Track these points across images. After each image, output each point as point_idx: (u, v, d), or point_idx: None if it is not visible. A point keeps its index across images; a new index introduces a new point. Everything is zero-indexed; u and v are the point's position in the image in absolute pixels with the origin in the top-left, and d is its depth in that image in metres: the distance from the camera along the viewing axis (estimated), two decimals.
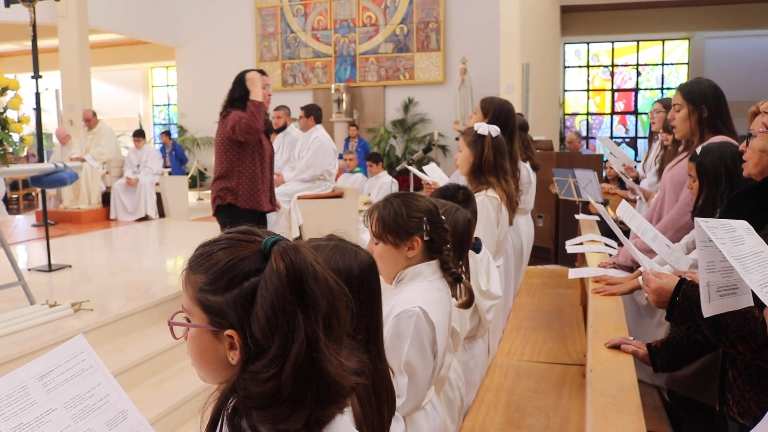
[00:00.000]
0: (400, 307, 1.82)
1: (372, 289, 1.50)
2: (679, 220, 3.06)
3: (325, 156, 6.77)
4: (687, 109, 3.06)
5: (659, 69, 15.09)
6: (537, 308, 4.09)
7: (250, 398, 0.93)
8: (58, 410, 1.04)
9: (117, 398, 1.12)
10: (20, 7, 6.13)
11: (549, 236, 7.59)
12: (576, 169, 5.53)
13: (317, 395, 0.95)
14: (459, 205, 2.35)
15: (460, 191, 2.62)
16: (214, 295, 0.97)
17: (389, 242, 1.91)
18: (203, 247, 1.02)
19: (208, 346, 1.00)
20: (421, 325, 1.79)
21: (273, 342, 0.93)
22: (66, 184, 4.85)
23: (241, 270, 0.96)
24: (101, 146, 9.76)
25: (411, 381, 1.80)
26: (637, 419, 1.50)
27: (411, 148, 13.36)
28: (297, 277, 0.95)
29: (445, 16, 13.23)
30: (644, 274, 2.06)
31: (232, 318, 0.95)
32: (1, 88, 4.18)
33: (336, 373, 0.96)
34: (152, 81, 18.72)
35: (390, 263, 1.93)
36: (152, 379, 4.00)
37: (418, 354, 1.79)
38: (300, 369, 0.93)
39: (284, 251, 0.97)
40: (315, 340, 0.94)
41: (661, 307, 1.99)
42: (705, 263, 1.35)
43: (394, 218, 1.90)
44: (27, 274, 5.30)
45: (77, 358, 1.12)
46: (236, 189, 4.47)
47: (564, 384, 2.84)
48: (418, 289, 1.88)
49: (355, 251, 1.51)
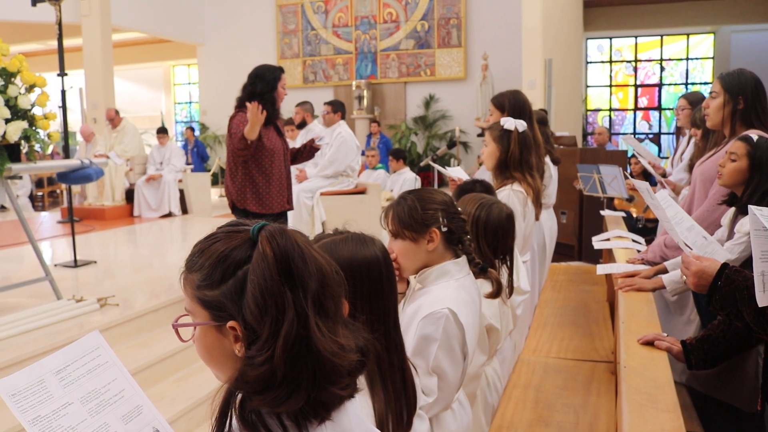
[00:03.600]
0: (427, 307, 1.78)
1: (382, 277, 1.48)
2: (709, 215, 3.01)
3: (348, 152, 6.77)
4: (723, 98, 2.99)
5: (683, 64, 14.89)
6: (563, 305, 4.05)
7: (248, 383, 0.94)
8: (74, 404, 1.05)
9: (132, 393, 1.13)
10: (45, 7, 6.20)
11: (573, 233, 7.52)
12: (601, 165, 5.47)
13: (313, 376, 0.95)
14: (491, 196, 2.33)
15: (477, 184, 2.59)
16: (211, 290, 0.98)
17: (408, 238, 1.88)
18: (197, 246, 1.04)
19: (214, 343, 1.00)
20: (450, 328, 1.75)
21: (264, 324, 0.93)
22: (92, 179, 4.88)
23: (233, 260, 0.97)
24: (125, 144, 9.85)
25: (441, 382, 1.77)
26: (674, 416, 1.47)
27: (432, 145, 13.32)
28: (283, 258, 0.96)
29: (466, 11, 13.16)
30: (684, 257, 2.01)
31: (231, 309, 0.96)
32: (29, 85, 4.22)
33: (331, 352, 0.95)
34: (174, 79, 18.84)
35: (411, 259, 1.90)
36: (176, 375, 4.02)
37: (447, 356, 1.76)
38: (292, 349, 0.93)
39: (270, 235, 0.97)
40: (305, 319, 0.94)
41: (701, 291, 1.93)
42: (759, 252, 1.31)
43: (410, 213, 1.87)
44: (53, 269, 5.35)
45: (93, 353, 1.13)
46: (243, 193, 4.36)
47: (592, 381, 2.80)
48: (445, 289, 1.84)
49: (372, 240, 1.50)
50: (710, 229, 2.96)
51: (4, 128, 3.95)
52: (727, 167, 2.65)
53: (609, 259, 4.03)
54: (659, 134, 15.19)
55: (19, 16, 10.58)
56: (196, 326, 1.02)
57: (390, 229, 1.90)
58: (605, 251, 4.38)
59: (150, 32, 14.10)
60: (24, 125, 4.07)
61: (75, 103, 13.03)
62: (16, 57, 4.15)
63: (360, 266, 1.44)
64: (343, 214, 6.55)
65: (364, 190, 6.97)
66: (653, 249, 3.17)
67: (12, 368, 3.43)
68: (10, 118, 4.01)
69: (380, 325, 1.42)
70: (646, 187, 2.66)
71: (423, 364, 1.73)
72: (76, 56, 12.07)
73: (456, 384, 1.82)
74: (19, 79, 4.16)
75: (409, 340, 1.72)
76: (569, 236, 7.50)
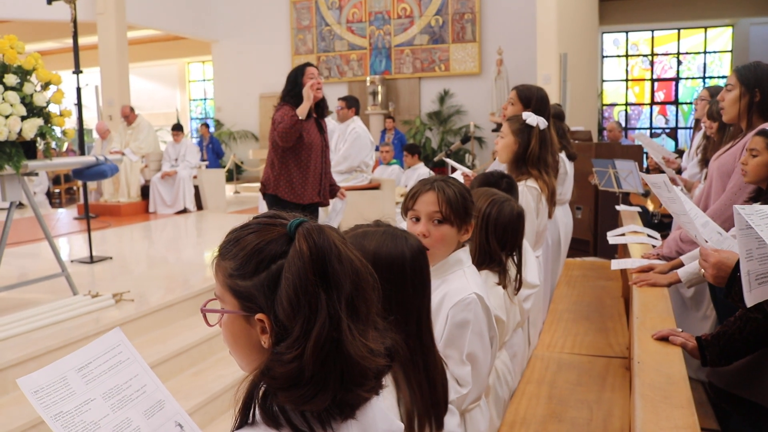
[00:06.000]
0: (454, 295, 1.75)
1: (424, 275, 1.45)
2: (727, 209, 2.96)
3: (362, 147, 6.76)
4: (739, 91, 2.95)
5: (701, 57, 14.72)
6: (577, 300, 4.03)
7: (275, 379, 0.93)
8: (96, 400, 1.06)
9: (154, 389, 1.13)
10: (61, 5, 6.23)
11: (588, 228, 7.47)
12: (616, 160, 5.42)
13: (341, 377, 0.94)
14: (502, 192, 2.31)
15: (504, 180, 2.57)
16: (243, 280, 0.97)
17: (455, 225, 1.83)
18: (232, 233, 1.03)
19: (241, 332, 1.00)
20: (479, 312, 1.75)
21: (296, 323, 0.93)
22: (107, 176, 4.91)
23: (268, 253, 0.97)
24: (140, 140, 9.92)
25: (475, 370, 1.75)
26: (688, 413, 1.45)
27: (447, 140, 13.29)
28: (320, 258, 0.95)
29: (481, 6, 13.10)
30: (702, 249, 1.98)
31: (261, 302, 0.96)
32: (44, 82, 4.25)
33: (360, 355, 0.95)
34: (189, 76, 18.92)
35: (448, 246, 1.85)
36: (191, 369, 4.04)
37: (479, 342, 1.75)
38: (322, 350, 0.92)
39: (308, 232, 0.96)
40: (337, 321, 0.94)
41: (719, 283, 1.90)
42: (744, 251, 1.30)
43: (462, 200, 1.83)
44: (69, 265, 5.40)
45: (114, 350, 1.14)
46: (278, 180, 4.53)
47: (607, 377, 2.78)
48: (465, 275, 1.83)
49: (405, 236, 1.46)
50: (728, 223, 2.91)
51: (20, 125, 3.98)
52: (750, 164, 2.62)
53: (624, 255, 3.99)
54: (676, 129, 15.03)
55: (35, 15, 10.66)
56: (224, 313, 1.02)
57: (441, 211, 1.82)
58: (620, 246, 4.34)
59: (165, 30, 14.16)
60: (39, 122, 4.10)
61: (91, 101, 13.13)
62: (31, 55, 4.18)
63: (382, 262, 1.39)
64: (357, 209, 6.55)
65: (378, 186, 6.97)
66: (669, 244, 3.13)
67: (29, 363, 3.47)
68: (26, 116, 4.04)
69: (402, 326, 1.38)
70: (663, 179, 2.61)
71: (456, 354, 1.71)
72: (92, 54, 12.15)
73: (488, 370, 1.80)
74: (34, 76, 4.19)
75: (438, 331, 1.69)
76: (584, 232, 7.45)
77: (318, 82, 4.49)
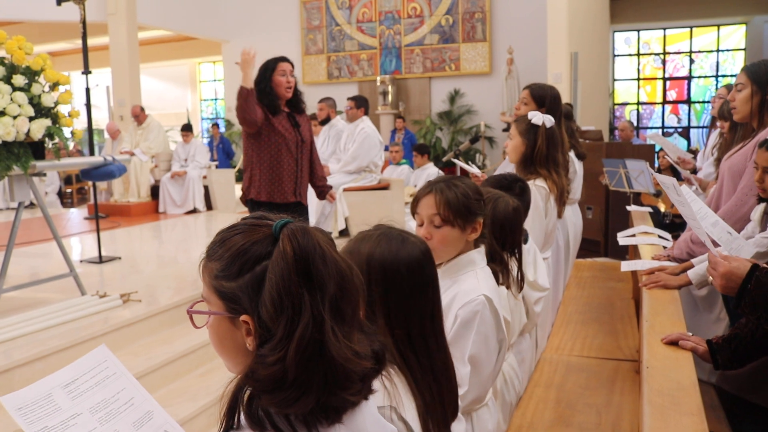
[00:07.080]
0: (463, 296, 1.75)
1: (424, 275, 1.40)
2: (738, 210, 2.92)
3: (371, 147, 6.74)
4: (750, 90, 2.90)
5: (714, 56, 14.59)
6: (587, 302, 3.98)
7: (258, 382, 0.93)
8: (83, 414, 1.06)
9: (142, 400, 1.13)
10: (71, 6, 6.24)
11: (599, 228, 7.41)
12: (627, 160, 5.37)
13: (324, 380, 0.93)
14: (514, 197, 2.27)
15: (517, 184, 2.53)
16: (228, 281, 0.97)
17: (457, 225, 1.82)
18: (219, 235, 1.03)
19: (226, 334, 1.00)
20: (486, 314, 1.73)
21: (279, 324, 0.92)
22: (114, 176, 4.91)
23: (252, 254, 0.96)
24: (150, 141, 9.94)
25: (474, 372, 1.73)
26: (698, 420, 1.41)
27: (457, 140, 13.24)
28: (303, 258, 0.94)
29: (491, 5, 13.04)
30: (711, 257, 1.94)
31: (245, 303, 0.95)
32: (53, 83, 4.25)
33: (344, 358, 0.94)
34: (200, 76, 18.97)
35: (452, 247, 1.84)
36: (198, 370, 4.03)
37: (483, 344, 1.73)
38: (304, 352, 0.91)
39: (292, 233, 0.96)
40: (320, 322, 0.93)
41: (729, 293, 1.86)
42: None
43: (464, 200, 1.81)
44: (78, 265, 5.42)
45: (101, 366, 1.14)
46: (251, 181, 4.33)
47: (616, 380, 2.74)
48: (476, 277, 1.81)
49: (403, 237, 1.42)
50: (739, 224, 2.87)
51: (28, 126, 3.99)
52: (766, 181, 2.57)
53: (635, 256, 3.95)
54: (688, 128, 14.91)
55: (45, 16, 10.73)
56: (210, 315, 1.01)
57: (440, 214, 1.82)
58: (631, 247, 4.30)
59: (175, 30, 14.20)
60: (47, 123, 4.10)
61: (102, 101, 13.19)
62: (39, 56, 4.18)
63: (375, 264, 1.36)
64: (366, 209, 6.53)
65: (387, 186, 6.94)
66: (680, 245, 3.09)
67: (36, 363, 3.47)
68: (34, 116, 4.05)
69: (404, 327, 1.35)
70: (673, 182, 2.58)
71: (457, 354, 1.69)
72: (103, 54, 12.21)
73: (490, 373, 1.78)
74: (42, 77, 4.19)
75: (448, 331, 1.66)
76: (595, 232, 7.39)
77: (288, 81, 4.37)
